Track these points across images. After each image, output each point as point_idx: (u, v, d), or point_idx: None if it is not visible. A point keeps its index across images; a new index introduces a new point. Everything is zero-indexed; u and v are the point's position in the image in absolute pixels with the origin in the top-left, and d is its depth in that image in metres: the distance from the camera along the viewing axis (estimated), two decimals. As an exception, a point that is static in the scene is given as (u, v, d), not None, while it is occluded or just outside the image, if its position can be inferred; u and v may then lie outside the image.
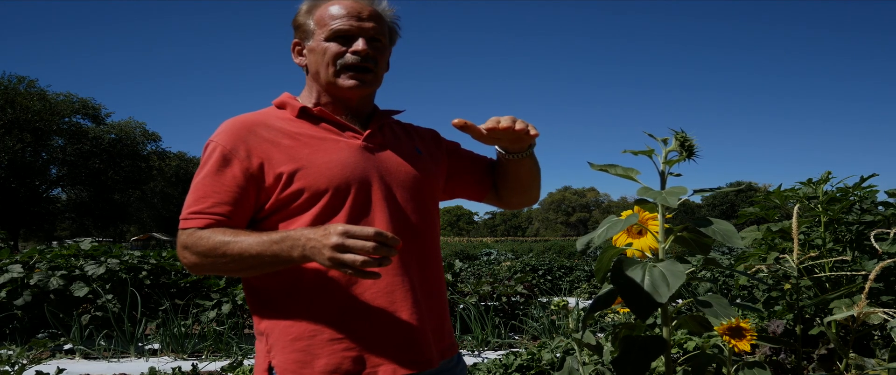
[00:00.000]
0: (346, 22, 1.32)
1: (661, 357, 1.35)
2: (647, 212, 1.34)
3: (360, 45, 1.32)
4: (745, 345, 1.40)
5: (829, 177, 2.46)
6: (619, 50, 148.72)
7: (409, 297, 1.28)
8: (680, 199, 1.23)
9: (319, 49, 1.34)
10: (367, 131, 1.36)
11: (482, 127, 1.32)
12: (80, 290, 5.49)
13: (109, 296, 5.55)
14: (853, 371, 1.76)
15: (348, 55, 1.32)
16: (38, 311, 5.42)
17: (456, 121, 1.30)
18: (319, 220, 1.23)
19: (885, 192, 2.59)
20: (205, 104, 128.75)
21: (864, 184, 2.45)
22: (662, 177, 1.33)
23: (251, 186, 1.25)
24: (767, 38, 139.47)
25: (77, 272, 5.70)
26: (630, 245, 1.34)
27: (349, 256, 1.06)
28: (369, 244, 1.05)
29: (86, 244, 6.46)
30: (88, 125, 38.00)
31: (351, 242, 1.06)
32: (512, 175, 1.50)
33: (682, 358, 1.44)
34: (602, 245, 1.36)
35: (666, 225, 1.33)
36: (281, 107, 1.39)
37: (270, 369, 1.26)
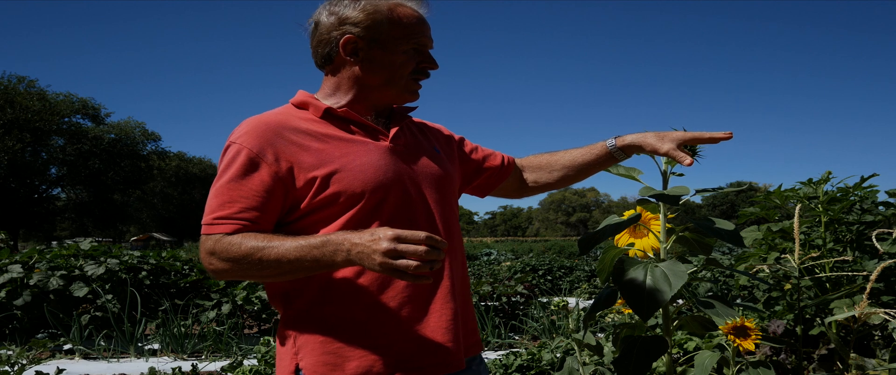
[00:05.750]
0: (422, 38, 1.32)
1: (663, 357, 1.35)
2: (648, 212, 1.34)
3: (433, 61, 1.35)
4: (749, 344, 1.39)
5: (830, 177, 2.45)
6: (620, 49, 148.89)
7: (442, 299, 1.26)
8: (683, 199, 1.23)
9: (397, 61, 1.31)
10: (393, 131, 1.33)
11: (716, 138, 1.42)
12: (80, 290, 5.48)
13: (109, 296, 5.54)
14: (854, 372, 1.76)
15: (423, 70, 1.35)
16: (38, 311, 5.41)
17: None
18: (356, 223, 1.20)
19: (886, 192, 2.59)
20: (204, 104, 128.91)
21: (865, 184, 2.45)
22: (665, 176, 1.33)
23: (279, 191, 1.20)
24: (768, 37, 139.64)
25: (77, 272, 5.69)
26: (632, 245, 1.34)
27: (403, 262, 1.03)
28: (422, 248, 1.03)
29: (85, 244, 6.45)
30: (88, 125, 38.01)
31: (404, 247, 1.03)
32: (590, 171, 1.56)
33: (682, 358, 1.44)
34: (603, 244, 1.36)
35: (668, 225, 1.33)
36: (301, 106, 1.33)
37: (298, 371, 1.23)
